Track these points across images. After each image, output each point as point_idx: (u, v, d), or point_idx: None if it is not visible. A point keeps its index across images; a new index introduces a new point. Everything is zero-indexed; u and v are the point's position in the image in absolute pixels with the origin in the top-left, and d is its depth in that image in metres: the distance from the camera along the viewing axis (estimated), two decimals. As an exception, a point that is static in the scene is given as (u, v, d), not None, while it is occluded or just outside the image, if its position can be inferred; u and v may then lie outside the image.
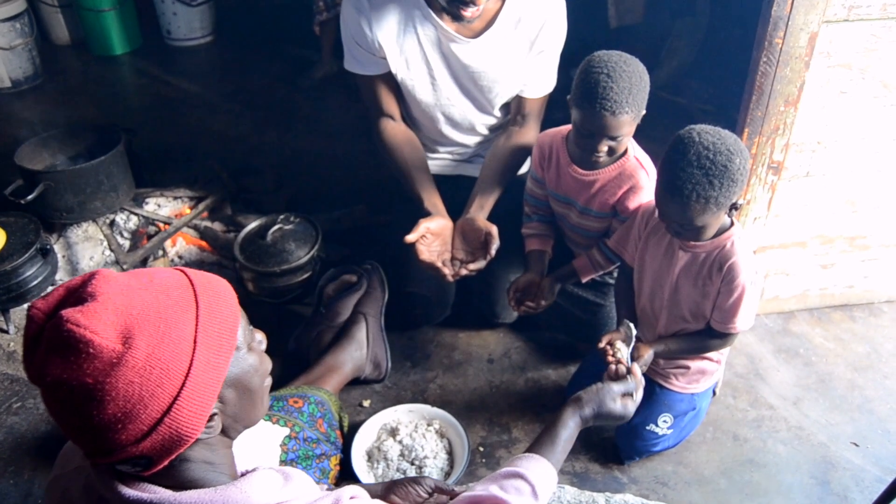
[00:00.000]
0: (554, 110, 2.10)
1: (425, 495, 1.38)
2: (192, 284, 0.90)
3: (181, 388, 0.84)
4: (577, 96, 1.63)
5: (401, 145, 2.04)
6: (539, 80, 1.99)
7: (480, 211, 1.92)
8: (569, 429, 1.30)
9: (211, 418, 0.89)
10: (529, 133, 2.02)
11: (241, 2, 4.48)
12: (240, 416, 0.95)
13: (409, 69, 1.94)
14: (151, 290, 0.86)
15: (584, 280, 1.92)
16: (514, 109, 2.06)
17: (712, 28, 3.24)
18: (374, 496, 1.06)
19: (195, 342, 0.85)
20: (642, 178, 1.75)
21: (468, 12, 1.76)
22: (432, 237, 1.88)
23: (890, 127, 1.96)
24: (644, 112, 1.67)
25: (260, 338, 0.99)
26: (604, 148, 1.67)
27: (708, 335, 1.68)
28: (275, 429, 1.63)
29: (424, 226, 1.85)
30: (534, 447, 1.28)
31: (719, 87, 3.14)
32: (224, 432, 0.94)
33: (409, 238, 1.81)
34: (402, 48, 1.91)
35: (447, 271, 1.85)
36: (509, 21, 1.88)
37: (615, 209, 1.81)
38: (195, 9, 4.06)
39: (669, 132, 1.53)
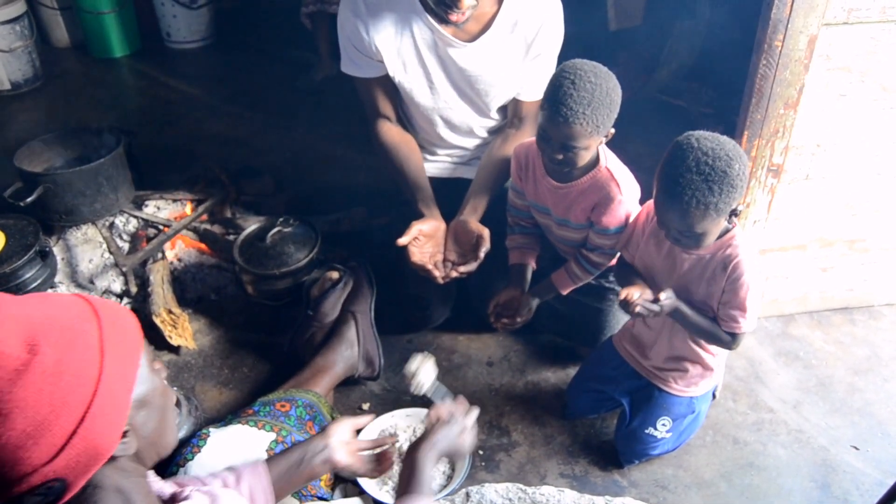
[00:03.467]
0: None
1: None
2: (88, 301, 0.89)
3: (94, 395, 0.81)
4: (543, 98, 1.63)
5: (397, 147, 2.04)
6: (536, 84, 1.98)
7: (474, 214, 1.92)
8: (430, 466, 1.33)
9: (124, 435, 0.86)
10: (525, 136, 2.01)
11: (240, 5, 4.49)
12: (151, 439, 0.93)
13: (406, 72, 1.94)
14: (48, 304, 0.85)
15: (565, 293, 1.90)
16: (510, 112, 2.06)
17: (712, 31, 3.23)
18: None
19: (102, 351, 0.84)
20: (613, 190, 1.71)
21: (454, 16, 1.74)
22: (425, 239, 1.88)
23: (889, 130, 1.96)
24: (612, 131, 1.64)
25: (159, 366, 0.98)
26: (559, 156, 1.64)
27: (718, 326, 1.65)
28: (260, 434, 1.62)
29: (417, 228, 1.85)
30: (407, 493, 1.28)
31: (719, 90, 3.13)
32: (138, 457, 0.92)
33: (401, 241, 1.82)
34: (399, 51, 1.91)
35: (437, 273, 1.85)
36: (506, 24, 1.88)
37: (591, 220, 1.79)
38: (195, 11, 4.06)
39: (669, 135, 1.53)
